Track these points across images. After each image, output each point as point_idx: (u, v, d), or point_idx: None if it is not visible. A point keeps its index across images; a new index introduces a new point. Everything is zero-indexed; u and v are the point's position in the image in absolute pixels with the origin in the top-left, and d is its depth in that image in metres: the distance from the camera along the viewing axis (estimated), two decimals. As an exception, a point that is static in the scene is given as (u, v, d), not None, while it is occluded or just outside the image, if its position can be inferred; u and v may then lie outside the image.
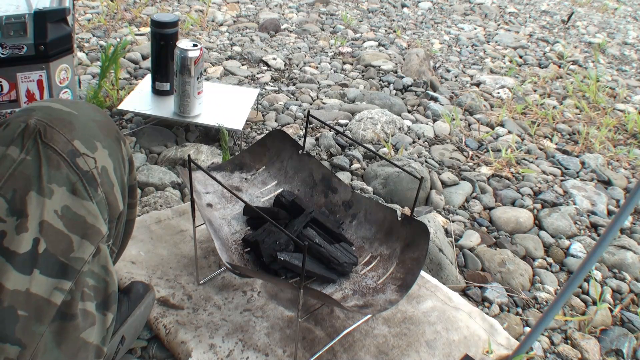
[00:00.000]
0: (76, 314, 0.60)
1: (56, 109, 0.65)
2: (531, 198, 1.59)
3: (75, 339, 0.59)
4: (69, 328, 0.59)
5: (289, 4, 3.15)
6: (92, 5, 2.63)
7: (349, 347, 0.96)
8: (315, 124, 1.84)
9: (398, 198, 1.48)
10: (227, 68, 2.17)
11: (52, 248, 0.59)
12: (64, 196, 0.61)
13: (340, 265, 0.98)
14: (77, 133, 0.64)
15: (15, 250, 0.57)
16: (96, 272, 0.63)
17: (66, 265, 0.59)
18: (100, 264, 0.64)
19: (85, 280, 0.62)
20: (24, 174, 0.59)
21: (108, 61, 1.68)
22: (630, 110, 2.30)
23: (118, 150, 0.71)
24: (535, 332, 0.92)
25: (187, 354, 0.91)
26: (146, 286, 0.94)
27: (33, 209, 0.58)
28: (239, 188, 1.15)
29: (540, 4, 4.05)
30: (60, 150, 0.61)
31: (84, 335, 0.60)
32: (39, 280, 0.57)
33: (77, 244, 0.61)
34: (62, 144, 0.62)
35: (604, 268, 1.36)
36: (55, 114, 0.64)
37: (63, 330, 0.58)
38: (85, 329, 0.61)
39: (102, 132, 0.68)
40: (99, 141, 0.67)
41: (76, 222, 0.61)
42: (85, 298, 0.61)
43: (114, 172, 0.69)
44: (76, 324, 0.60)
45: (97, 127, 0.68)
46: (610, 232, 0.78)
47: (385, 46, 2.67)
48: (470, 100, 2.14)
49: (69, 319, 0.59)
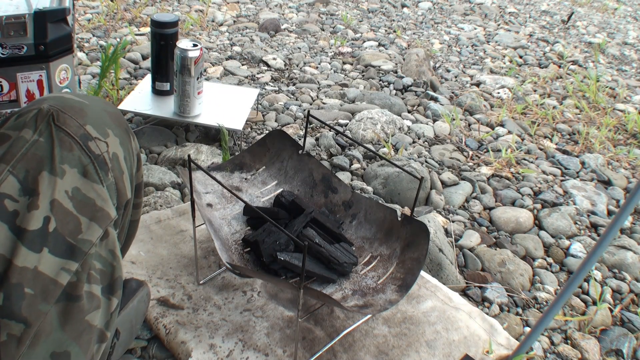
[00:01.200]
0: (81, 296, 0.60)
1: (68, 98, 0.67)
2: (531, 198, 1.59)
3: (80, 320, 0.60)
4: (74, 309, 0.59)
5: (289, 4, 3.15)
6: (92, 5, 2.63)
7: (349, 347, 0.96)
8: (315, 124, 1.84)
9: (398, 198, 1.48)
10: (227, 68, 2.17)
11: (61, 228, 0.59)
12: (75, 177, 0.61)
13: (340, 265, 0.98)
14: (89, 119, 0.65)
15: (26, 228, 0.57)
16: (103, 256, 0.64)
17: (74, 246, 0.60)
18: (108, 248, 0.64)
19: (93, 262, 0.62)
20: (36, 155, 0.60)
21: (108, 61, 1.68)
22: (630, 110, 2.30)
23: (128, 142, 0.72)
24: (535, 332, 0.92)
25: (187, 354, 0.91)
26: (139, 282, 0.94)
27: (45, 187, 0.59)
28: (239, 188, 1.15)
29: (540, 4, 4.06)
30: (72, 133, 0.62)
31: (88, 317, 0.61)
32: (47, 259, 0.58)
33: (85, 226, 0.61)
34: (75, 127, 0.63)
35: (604, 268, 1.36)
36: (67, 102, 0.65)
37: (68, 311, 0.59)
38: (90, 312, 0.61)
39: (114, 122, 0.70)
40: (110, 129, 0.68)
41: (86, 204, 0.62)
42: (92, 280, 0.62)
43: (124, 160, 0.69)
44: (81, 306, 0.60)
45: (109, 116, 0.69)
46: (610, 232, 0.78)
47: (385, 46, 2.67)
48: (470, 100, 2.14)
49: (74, 299, 0.59)
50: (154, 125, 1.63)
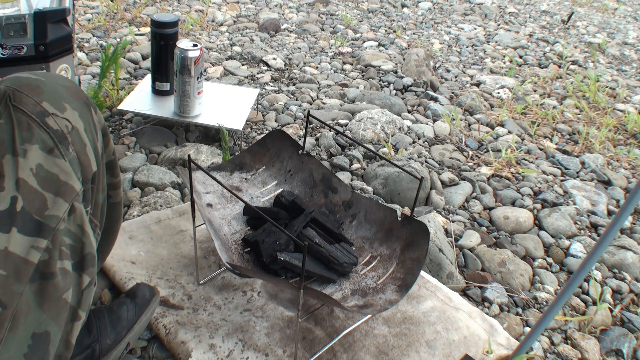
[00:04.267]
0: (55, 273, 0.60)
1: (24, 77, 0.67)
2: (531, 198, 1.59)
3: (57, 298, 0.60)
4: (49, 287, 0.59)
5: (289, 4, 3.15)
6: (92, 5, 2.63)
7: (349, 347, 0.96)
8: (315, 124, 1.84)
9: (398, 198, 1.48)
10: (227, 68, 2.17)
11: (28, 206, 0.60)
12: (37, 155, 0.62)
13: (340, 265, 0.98)
14: (45, 95, 0.65)
15: None
16: (72, 231, 0.64)
17: (41, 223, 0.60)
18: (76, 223, 0.65)
19: (62, 238, 0.62)
20: None
21: (108, 61, 1.68)
22: (630, 110, 2.30)
23: (88, 114, 0.72)
24: (535, 332, 0.92)
25: (187, 354, 0.91)
26: (152, 289, 0.93)
27: (9, 169, 0.60)
28: (239, 188, 1.15)
29: (540, 4, 4.05)
30: (29, 111, 0.63)
31: (65, 295, 0.61)
32: (16, 239, 0.58)
33: (51, 202, 0.61)
34: (31, 105, 0.63)
35: (604, 268, 1.36)
36: (23, 81, 0.66)
37: (43, 290, 0.59)
38: (66, 289, 0.61)
39: (71, 95, 0.70)
40: (67, 102, 0.68)
41: (49, 180, 0.62)
42: (63, 257, 0.62)
43: (85, 132, 0.69)
44: (56, 283, 0.60)
45: (66, 91, 0.70)
46: (610, 232, 0.78)
47: (385, 46, 2.67)
48: (470, 100, 2.14)
49: (48, 277, 0.60)
50: (154, 125, 1.63)
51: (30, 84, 0.66)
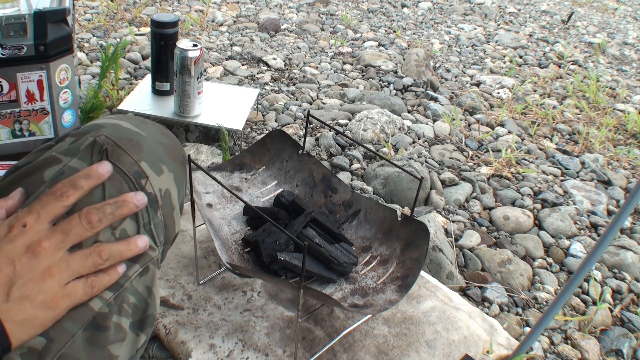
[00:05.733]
0: (109, 327, 0.59)
1: (125, 128, 0.65)
2: (531, 198, 1.59)
3: (102, 348, 0.59)
4: (100, 338, 0.59)
5: (289, 4, 3.15)
6: (92, 5, 2.63)
7: (349, 347, 0.96)
8: (315, 124, 1.84)
9: (398, 198, 1.48)
10: (227, 68, 2.17)
11: None
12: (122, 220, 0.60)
13: (340, 265, 0.98)
14: (145, 155, 0.63)
15: None
16: (139, 291, 0.62)
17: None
18: (145, 284, 0.63)
19: (127, 296, 0.61)
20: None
21: (108, 61, 1.68)
22: (630, 110, 2.30)
23: (183, 175, 0.70)
24: (535, 332, 0.92)
25: (187, 354, 0.91)
26: None
27: None
28: (239, 188, 1.15)
29: (540, 4, 4.06)
30: (126, 170, 0.61)
31: (110, 347, 0.60)
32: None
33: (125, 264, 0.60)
34: (129, 164, 0.61)
35: (604, 268, 1.36)
36: (124, 133, 0.63)
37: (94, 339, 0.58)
38: (115, 342, 0.60)
39: (169, 156, 0.68)
40: (165, 164, 0.66)
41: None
42: (122, 313, 0.61)
43: (177, 196, 0.68)
44: (107, 336, 0.59)
45: (164, 150, 0.67)
46: (610, 232, 0.78)
47: (385, 46, 2.67)
48: (470, 100, 2.14)
49: (101, 329, 0.58)
50: (154, 125, 1.62)
51: (132, 140, 0.63)
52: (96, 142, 0.61)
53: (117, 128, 0.64)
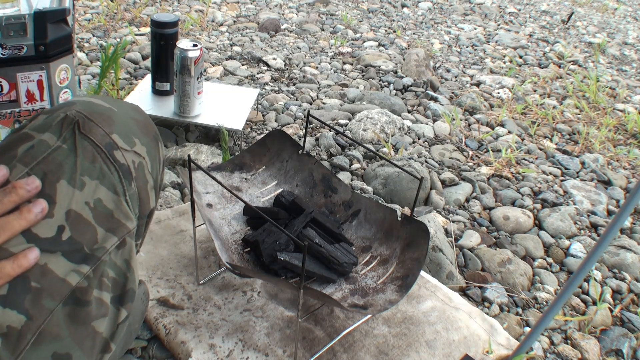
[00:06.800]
0: (90, 301, 0.59)
1: (97, 104, 0.65)
2: (531, 198, 1.59)
3: (86, 325, 0.59)
4: (81, 313, 0.58)
5: (289, 4, 3.15)
6: (92, 5, 2.63)
7: (349, 347, 0.96)
8: (315, 124, 1.84)
9: (398, 198, 1.48)
10: (227, 68, 2.17)
11: (77, 236, 0.58)
12: (96, 189, 0.60)
13: (340, 265, 0.98)
14: (116, 127, 0.64)
15: (37, 234, 0.56)
16: (118, 265, 0.63)
17: (87, 253, 0.59)
18: (123, 257, 0.63)
19: (106, 270, 0.61)
20: (57, 160, 0.59)
21: (108, 61, 1.68)
22: (630, 110, 2.30)
23: (156, 150, 0.71)
24: (535, 332, 0.92)
25: (187, 354, 0.91)
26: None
27: (62, 197, 0.58)
28: (239, 188, 1.15)
29: (540, 4, 4.05)
30: (97, 142, 0.61)
31: (94, 323, 0.60)
32: (58, 260, 0.57)
33: (101, 236, 0.60)
34: (100, 136, 0.62)
35: (604, 268, 1.36)
36: (95, 108, 0.64)
37: (75, 315, 0.58)
38: (97, 318, 0.60)
39: (141, 131, 0.68)
40: (137, 137, 0.66)
41: (104, 215, 0.61)
42: (103, 288, 0.61)
43: (150, 169, 0.68)
44: (89, 311, 0.59)
45: (136, 125, 0.68)
46: (610, 232, 0.78)
47: (385, 46, 2.67)
48: (470, 100, 2.14)
49: (82, 304, 0.58)
50: (154, 125, 1.62)
51: (102, 113, 0.63)
52: (67, 117, 0.61)
53: (88, 104, 0.64)
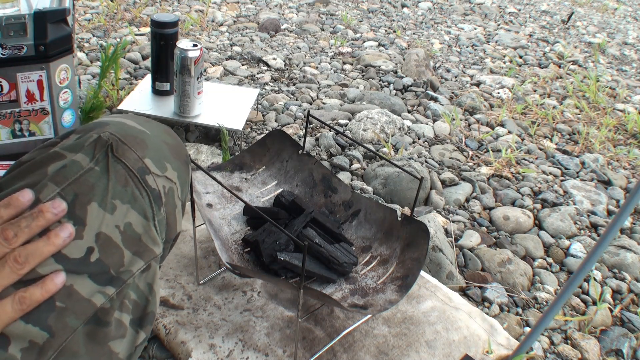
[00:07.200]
0: (110, 322, 0.59)
1: (130, 126, 0.65)
2: (531, 198, 1.59)
3: (103, 344, 0.59)
4: (100, 333, 0.58)
5: (289, 4, 3.15)
6: (92, 5, 2.63)
7: (349, 347, 0.96)
8: (315, 124, 1.84)
9: (398, 198, 1.48)
10: (227, 68, 2.17)
11: (105, 258, 0.58)
12: (127, 213, 0.60)
13: (340, 265, 0.98)
14: (149, 152, 0.63)
15: (66, 255, 0.56)
16: (140, 288, 0.62)
17: (113, 276, 0.59)
18: (146, 281, 0.63)
19: (128, 292, 0.61)
20: (89, 182, 0.58)
21: (108, 61, 1.68)
22: (630, 110, 2.30)
23: (186, 174, 0.71)
24: (535, 332, 0.92)
25: (187, 354, 0.91)
26: None
27: (92, 219, 0.58)
28: (239, 188, 1.15)
29: (540, 4, 4.05)
30: (130, 166, 0.61)
31: (111, 343, 0.60)
32: (85, 282, 0.57)
33: (128, 259, 0.60)
34: (133, 160, 0.61)
35: (604, 268, 1.36)
36: (129, 131, 0.64)
37: (94, 334, 0.58)
38: (115, 339, 0.60)
39: (173, 155, 0.68)
40: (169, 162, 0.66)
41: (133, 239, 0.61)
42: (124, 309, 0.60)
43: (180, 194, 0.68)
44: (107, 331, 0.59)
45: (168, 149, 0.68)
46: (610, 232, 0.78)
47: (385, 46, 2.67)
48: (470, 100, 2.14)
49: (102, 324, 0.58)
50: (154, 125, 1.62)
51: (136, 137, 0.63)
52: (100, 138, 0.61)
53: (122, 126, 0.64)
